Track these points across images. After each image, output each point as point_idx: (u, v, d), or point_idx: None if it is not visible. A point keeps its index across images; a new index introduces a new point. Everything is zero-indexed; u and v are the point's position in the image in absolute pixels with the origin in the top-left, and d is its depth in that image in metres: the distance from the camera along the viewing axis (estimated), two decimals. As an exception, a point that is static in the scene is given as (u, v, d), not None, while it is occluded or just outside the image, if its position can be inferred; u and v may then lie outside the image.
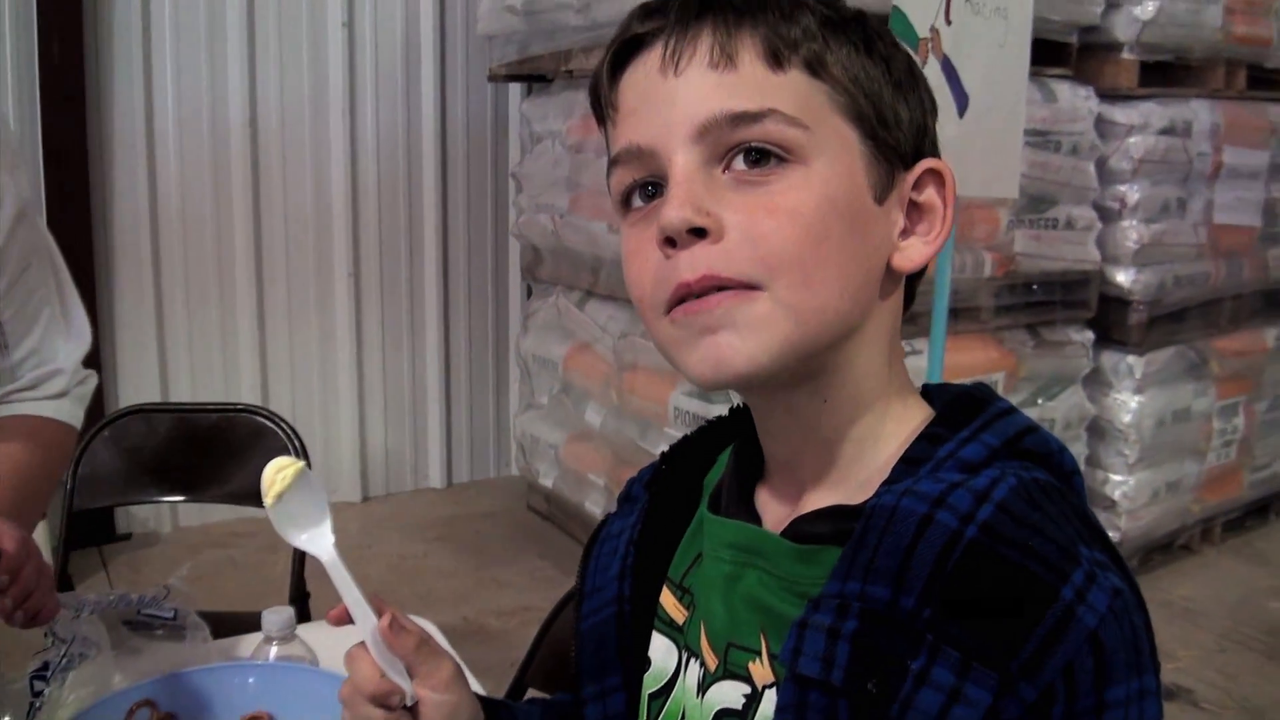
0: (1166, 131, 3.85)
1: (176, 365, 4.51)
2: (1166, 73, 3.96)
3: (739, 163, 0.80)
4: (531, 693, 1.78)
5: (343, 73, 4.65)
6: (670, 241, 0.80)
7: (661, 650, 0.98)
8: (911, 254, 0.85)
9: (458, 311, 5.16)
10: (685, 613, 0.96)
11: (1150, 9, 3.72)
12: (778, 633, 0.82)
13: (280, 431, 2.44)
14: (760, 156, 0.80)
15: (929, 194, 0.86)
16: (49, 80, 4.03)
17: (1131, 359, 3.97)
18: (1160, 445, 4.06)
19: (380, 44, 4.74)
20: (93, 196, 4.22)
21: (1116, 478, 3.98)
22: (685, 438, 1.05)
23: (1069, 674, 0.71)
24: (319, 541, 0.95)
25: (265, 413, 2.50)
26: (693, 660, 0.94)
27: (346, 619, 0.95)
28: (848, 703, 0.75)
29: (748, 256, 0.78)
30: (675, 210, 0.79)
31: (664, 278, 0.81)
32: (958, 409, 0.86)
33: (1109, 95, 3.82)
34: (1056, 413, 3.79)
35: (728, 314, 0.79)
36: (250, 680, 1.33)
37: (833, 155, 0.81)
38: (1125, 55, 3.81)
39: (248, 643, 1.47)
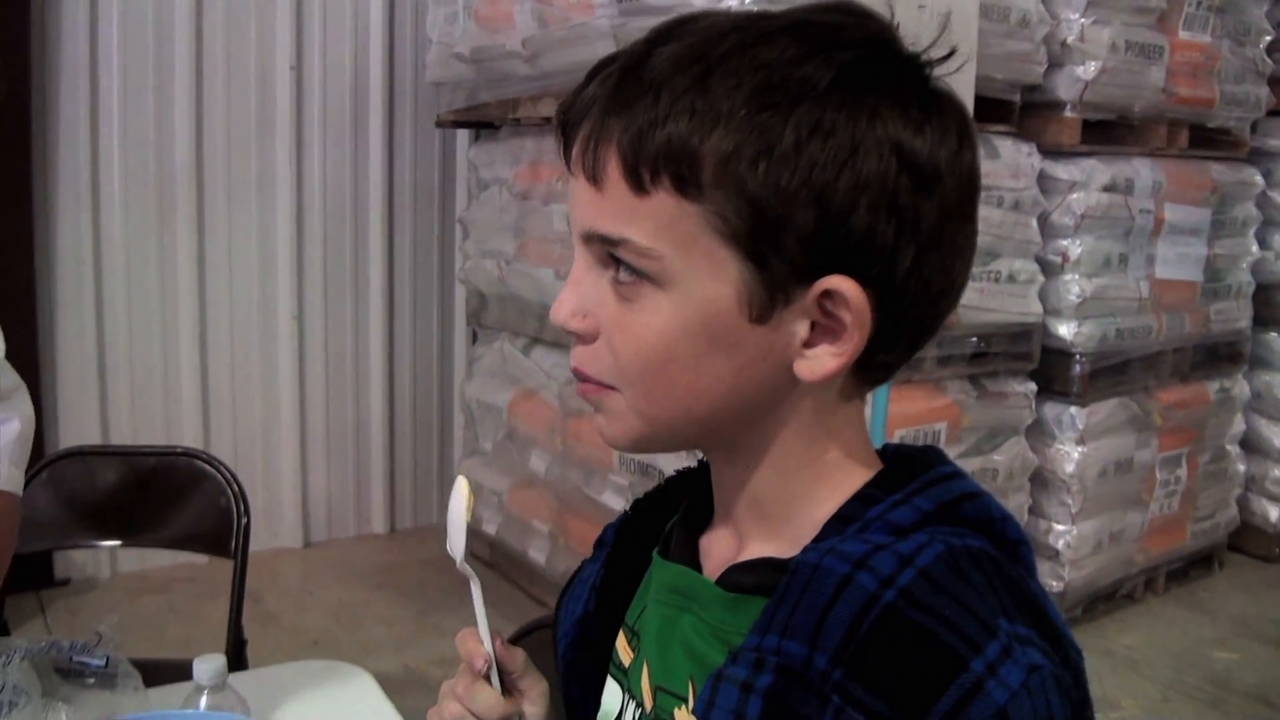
0: (1109, 188, 3.90)
1: (118, 407, 4.46)
2: (1109, 131, 4.02)
3: (617, 272, 0.82)
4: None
5: (290, 116, 4.63)
6: None
7: (611, 693, 0.99)
8: (816, 365, 0.81)
9: (402, 356, 5.13)
10: (632, 654, 0.97)
11: (1092, 69, 3.77)
12: (704, 680, 0.82)
13: (220, 475, 2.42)
14: (630, 270, 0.81)
15: (841, 310, 0.79)
16: (-6, 120, 4.00)
17: (1074, 410, 4.00)
18: (1103, 496, 4.08)
19: (329, 88, 4.73)
20: (36, 237, 4.18)
21: (1060, 528, 4.00)
22: (658, 485, 1.06)
23: None
24: (467, 566, 0.99)
25: (205, 456, 2.47)
26: (631, 702, 0.95)
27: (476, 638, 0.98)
28: None
29: (608, 364, 0.84)
30: (558, 310, 0.86)
31: None
32: (898, 471, 0.86)
33: (1051, 152, 3.87)
34: (999, 463, 3.81)
35: (597, 401, 0.87)
36: (181, 730, 1.31)
37: (695, 281, 0.79)
38: (1068, 114, 3.86)
39: (180, 691, 1.45)
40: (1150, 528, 4.33)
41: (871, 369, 0.84)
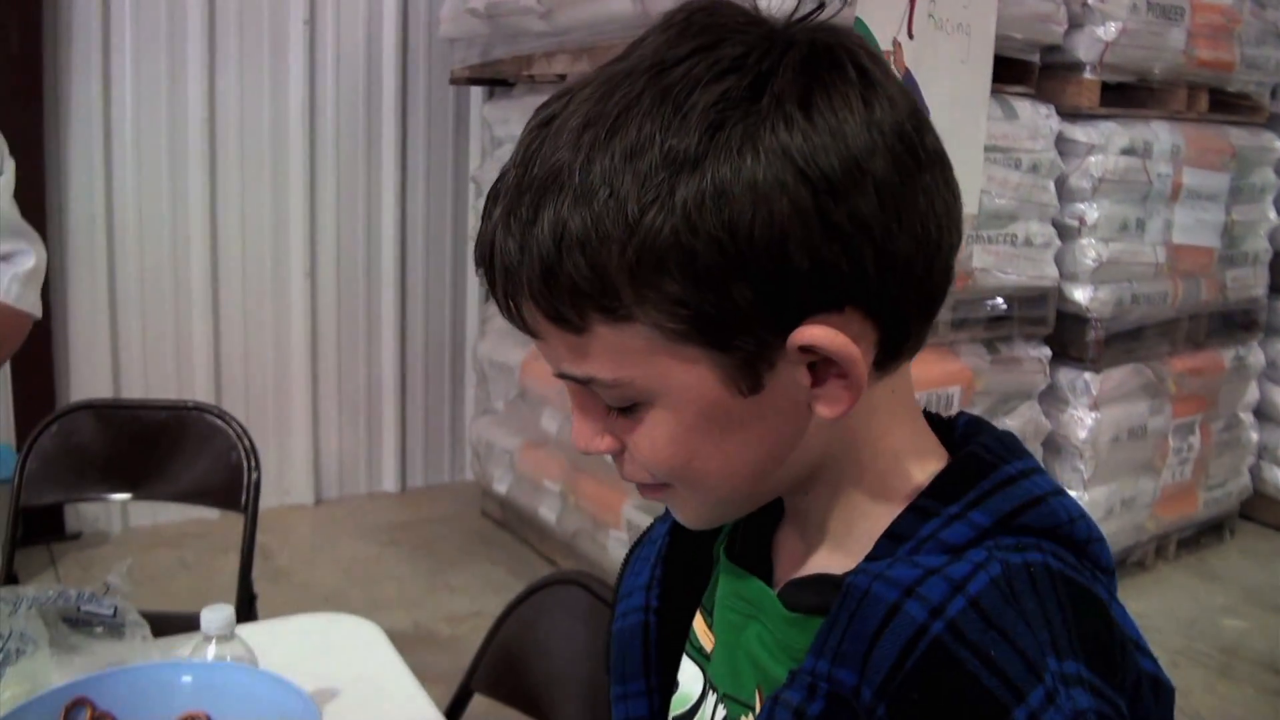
0: (1127, 152, 3.87)
1: (129, 362, 4.46)
2: (1128, 93, 3.98)
3: (604, 399, 0.80)
4: (478, 699, 1.76)
5: (303, 71, 4.60)
6: None
7: (689, 675, 0.96)
8: (834, 402, 0.76)
9: (414, 314, 5.12)
10: (713, 639, 0.94)
11: (1113, 30, 3.73)
12: (770, 692, 0.80)
13: (231, 430, 2.42)
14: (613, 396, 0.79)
15: (825, 353, 0.74)
16: (6, 72, 3.98)
17: (1088, 376, 3.98)
18: (1116, 462, 4.07)
19: (342, 43, 4.70)
20: (48, 190, 4.17)
21: (1072, 493, 3.94)
22: None
23: None
24: None
25: (216, 411, 2.48)
26: (711, 692, 0.92)
27: None
28: None
29: (647, 470, 0.82)
30: (578, 440, 0.84)
31: None
32: (956, 475, 0.80)
33: (1070, 114, 3.83)
34: (1012, 428, 3.79)
35: (661, 499, 0.87)
36: (187, 679, 1.31)
37: (676, 384, 0.75)
38: (1087, 75, 3.82)
39: (187, 641, 1.45)
40: (1162, 495, 4.32)
41: (900, 352, 0.79)
